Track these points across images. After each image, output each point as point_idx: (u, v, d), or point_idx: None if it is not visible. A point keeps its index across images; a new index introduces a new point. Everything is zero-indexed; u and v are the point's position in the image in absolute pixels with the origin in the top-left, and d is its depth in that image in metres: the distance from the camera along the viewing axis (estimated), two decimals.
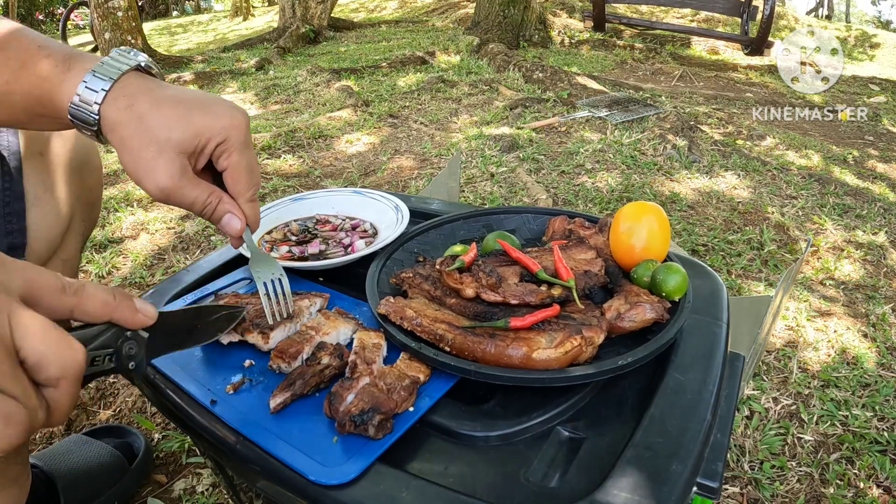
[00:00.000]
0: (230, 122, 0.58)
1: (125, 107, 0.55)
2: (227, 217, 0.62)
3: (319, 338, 0.67)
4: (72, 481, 0.97)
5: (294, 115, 3.54)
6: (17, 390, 0.35)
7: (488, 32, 5.90)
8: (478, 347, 0.62)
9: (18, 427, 0.35)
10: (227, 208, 0.61)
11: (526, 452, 0.57)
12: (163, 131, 0.55)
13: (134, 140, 0.55)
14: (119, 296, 0.46)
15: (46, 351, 0.37)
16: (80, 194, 0.82)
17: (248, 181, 0.62)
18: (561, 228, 0.89)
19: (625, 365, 0.61)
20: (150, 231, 2.05)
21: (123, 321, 0.46)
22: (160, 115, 0.56)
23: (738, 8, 6.11)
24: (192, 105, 0.57)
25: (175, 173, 0.56)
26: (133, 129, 0.55)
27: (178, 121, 0.56)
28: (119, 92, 0.55)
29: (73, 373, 0.39)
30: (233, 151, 0.59)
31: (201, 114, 0.57)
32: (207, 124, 0.57)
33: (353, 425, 0.55)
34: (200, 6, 15.38)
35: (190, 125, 0.56)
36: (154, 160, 0.55)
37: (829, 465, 1.16)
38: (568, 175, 2.52)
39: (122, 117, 0.55)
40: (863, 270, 1.89)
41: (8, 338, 0.36)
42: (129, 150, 0.56)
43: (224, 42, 7.62)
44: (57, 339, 0.38)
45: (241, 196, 0.62)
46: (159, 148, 0.55)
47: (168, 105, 0.56)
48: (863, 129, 3.83)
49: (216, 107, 0.58)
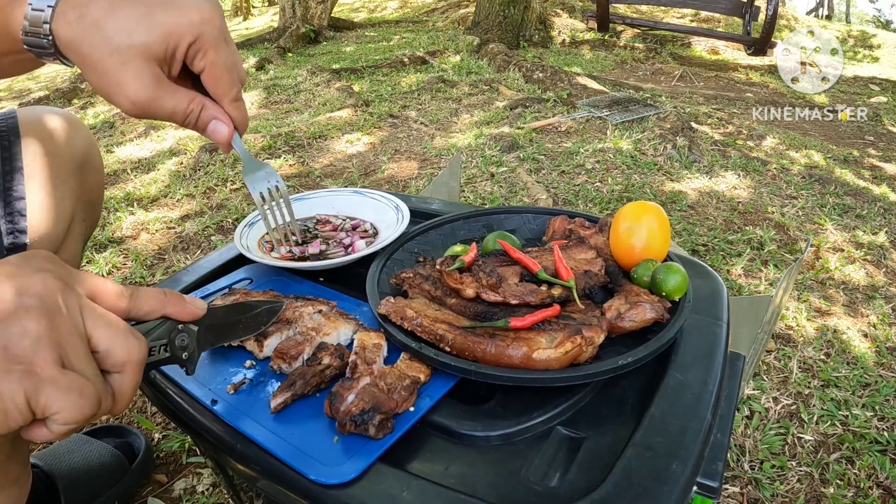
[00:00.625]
0: (200, 16, 0.52)
1: (76, 18, 0.49)
2: (212, 124, 0.57)
3: (320, 338, 0.67)
4: (72, 481, 0.97)
5: (294, 115, 3.54)
6: (89, 371, 0.41)
7: (488, 32, 5.90)
8: (478, 347, 0.62)
9: (91, 399, 0.40)
10: (211, 114, 0.57)
11: (526, 452, 0.57)
12: (123, 37, 0.49)
13: (94, 53, 0.49)
14: (169, 293, 0.52)
15: (113, 340, 0.43)
16: (80, 194, 0.82)
17: (230, 80, 0.56)
18: (561, 228, 0.89)
19: (625, 365, 0.61)
20: (151, 231, 2.05)
21: (176, 314, 0.52)
22: (117, 19, 0.49)
23: (740, 8, 6.11)
24: (153, 3, 0.51)
25: (147, 82, 0.51)
26: (90, 40, 0.49)
27: (139, 23, 0.50)
28: (67, 4, 0.49)
29: (136, 358, 0.44)
30: (208, 49, 0.53)
31: (165, 12, 0.51)
32: (174, 22, 0.51)
33: (353, 425, 0.55)
34: None
35: (154, 26, 0.50)
36: (120, 71, 0.50)
37: (830, 465, 1.16)
38: (568, 175, 2.52)
39: (75, 31, 0.49)
40: (863, 270, 1.89)
41: (81, 325, 0.41)
42: (91, 66, 0.50)
43: None
44: (122, 330, 0.44)
45: (224, 97, 0.57)
46: (122, 57, 0.50)
47: (125, 6, 0.50)
48: (863, 129, 3.83)
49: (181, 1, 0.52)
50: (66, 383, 0.38)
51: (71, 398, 0.38)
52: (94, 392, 0.40)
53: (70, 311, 0.41)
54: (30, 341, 0.38)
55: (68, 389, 0.38)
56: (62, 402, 0.38)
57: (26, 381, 0.37)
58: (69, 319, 0.40)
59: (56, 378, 0.38)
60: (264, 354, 0.68)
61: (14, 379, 0.36)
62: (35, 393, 0.37)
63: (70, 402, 0.38)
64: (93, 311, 0.42)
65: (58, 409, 0.38)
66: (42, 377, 0.37)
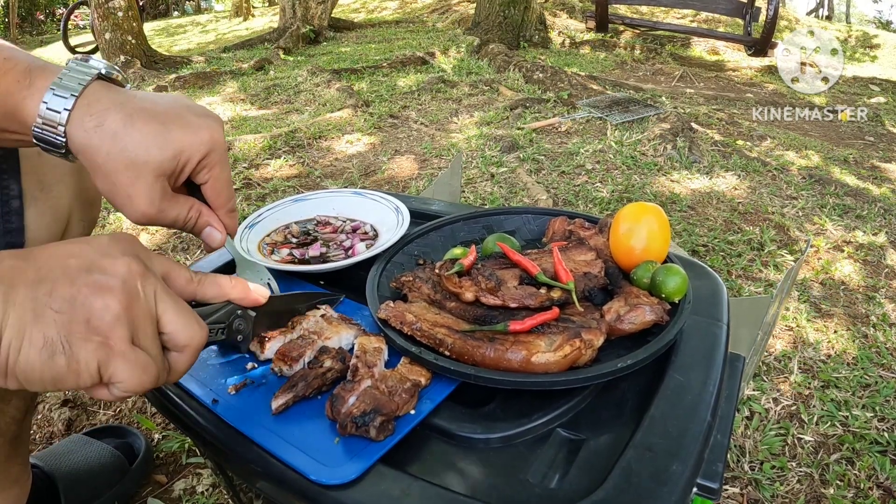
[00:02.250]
0: (209, 135, 0.55)
1: (94, 127, 0.51)
2: (207, 230, 0.61)
3: (321, 342, 0.67)
4: (72, 481, 0.97)
5: (294, 116, 3.54)
6: (154, 350, 0.47)
7: (488, 33, 5.90)
8: (477, 351, 0.62)
9: (151, 376, 0.46)
10: (206, 220, 0.60)
11: (526, 454, 0.57)
12: (140, 153, 0.51)
13: (108, 164, 0.51)
14: (235, 280, 0.56)
15: (180, 323, 0.48)
16: (78, 193, 0.82)
17: (229, 193, 0.61)
18: (561, 229, 0.89)
19: (624, 367, 0.61)
20: (151, 231, 2.05)
21: (239, 299, 0.57)
22: (135, 134, 0.51)
23: (741, 9, 6.11)
24: (168, 119, 0.53)
25: (156, 198, 0.54)
26: (106, 150, 0.51)
27: (154, 139, 0.52)
28: (84, 110, 0.51)
29: (196, 343, 0.50)
30: (215, 165, 0.57)
31: (179, 129, 0.53)
32: (187, 141, 0.54)
33: (354, 426, 0.55)
34: (201, 6, 15.39)
35: (168, 144, 0.53)
36: (132, 185, 0.52)
37: (830, 466, 1.16)
38: (568, 175, 2.52)
39: (92, 139, 0.51)
40: (863, 271, 1.89)
41: (153, 309, 0.47)
42: (103, 175, 0.52)
43: (224, 42, 7.62)
44: (188, 316, 0.49)
45: (222, 208, 0.61)
46: (137, 172, 0.52)
47: (142, 120, 0.52)
48: (863, 130, 3.83)
49: (192, 119, 0.55)
50: (134, 359, 0.44)
51: (135, 372, 0.44)
52: (155, 370, 0.46)
53: (146, 296, 0.46)
54: (110, 317, 0.43)
55: (134, 364, 0.44)
56: (127, 374, 0.44)
57: (101, 351, 0.43)
58: (144, 303, 0.46)
59: (126, 353, 0.44)
60: (265, 356, 0.68)
61: (91, 348, 0.42)
62: (106, 362, 0.43)
63: (134, 375, 0.44)
64: (165, 297, 0.47)
65: (122, 379, 0.44)
66: (115, 350, 0.43)
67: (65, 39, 7.58)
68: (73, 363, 0.42)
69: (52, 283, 0.43)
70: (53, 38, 10.40)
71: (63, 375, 0.42)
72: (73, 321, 0.42)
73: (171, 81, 4.44)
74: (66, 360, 0.42)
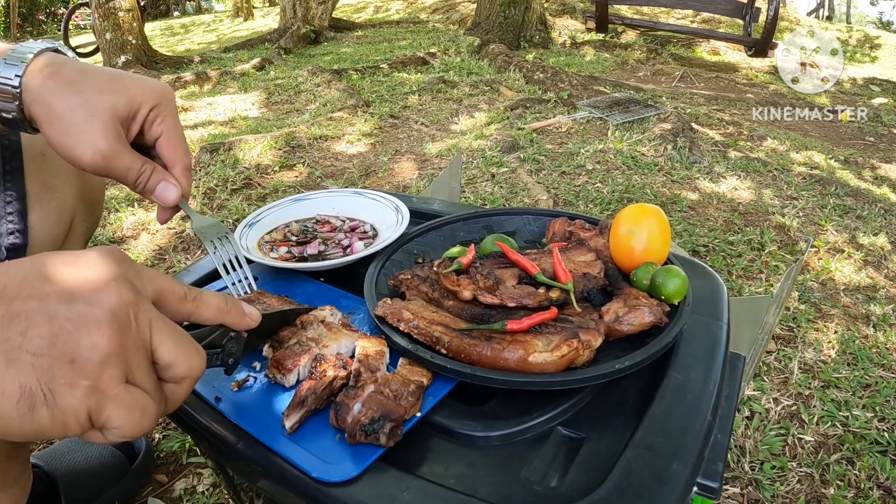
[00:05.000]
0: (161, 88, 0.58)
1: (50, 73, 0.53)
2: (161, 185, 0.60)
3: (318, 350, 0.65)
4: (73, 481, 0.97)
5: (295, 116, 3.55)
6: (150, 386, 0.41)
7: (489, 33, 5.90)
8: (474, 350, 0.62)
9: (150, 418, 0.41)
10: (160, 177, 0.60)
11: (526, 452, 0.57)
12: (94, 93, 0.54)
13: (63, 104, 0.53)
14: (230, 302, 0.51)
15: (178, 354, 0.43)
16: (81, 194, 0.82)
17: (185, 148, 0.61)
18: (561, 230, 0.89)
19: (622, 369, 0.61)
20: (151, 231, 2.05)
21: (233, 325, 0.52)
22: (89, 80, 0.54)
23: (741, 9, 6.11)
24: (119, 74, 0.57)
25: (110, 136, 0.54)
26: (61, 93, 0.53)
27: (108, 85, 0.55)
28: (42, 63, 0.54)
29: (196, 373, 0.45)
30: (167, 115, 0.59)
31: (131, 81, 0.57)
32: (139, 90, 0.56)
33: (364, 435, 0.54)
34: (201, 7, 15.40)
35: (122, 89, 0.55)
36: (87, 122, 0.53)
37: (830, 466, 1.16)
38: (569, 176, 2.52)
39: (48, 84, 0.53)
40: (863, 271, 1.89)
41: (147, 340, 0.41)
42: (58, 117, 0.53)
43: (225, 42, 7.62)
44: (186, 344, 0.44)
45: (178, 162, 0.61)
46: (92, 110, 0.53)
47: (95, 72, 0.55)
48: (863, 130, 3.83)
49: (144, 78, 0.59)
50: (130, 402, 0.39)
51: (133, 416, 0.39)
52: (154, 410, 0.41)
53: (139, 326, 0.41)
54: (99, 357, 0.37)
55: (132, 407, 0.39)
56: (123, 420, 0.39)
57: (91, 397, 0.37)
58: (138, 334, 0.40)
59: (120, 396, 0.38)
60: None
61: (78, 395, 0.37)
62: (98, 409, 0.38)
63: (131, 419, 0.39)
64: (161, 325, 0.42)
65: (118, 426, 0.39)
66: (107, 395, 0.38)
67: (65, 40, 7.58)
68: (57, 414, 0.36)
69: (26, 320, 0.36)
70: (54, 39, 10.38)
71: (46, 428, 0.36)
72: (55, 364, 0.36)
73: (171, 82, 4.44)
74: (50, 412, 0.36)
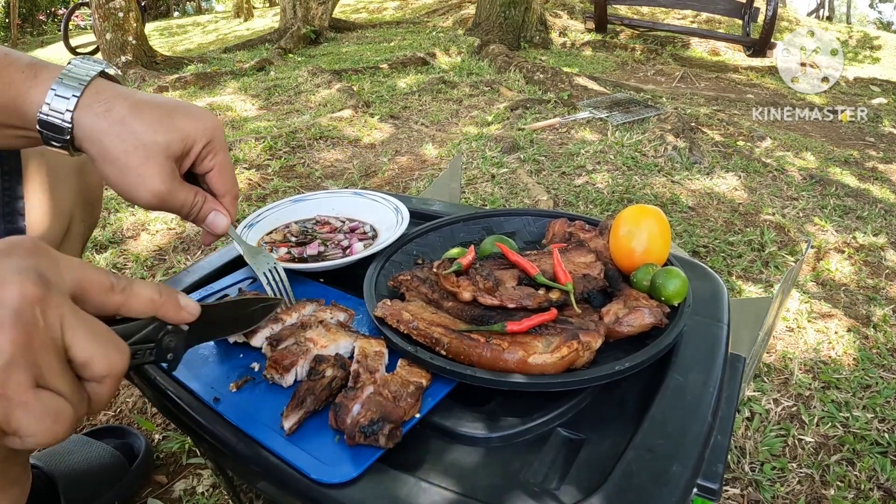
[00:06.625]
0: (212, 123, 0.59)
1: (103, 111, 0.53)
2: (212, 215, 0.62)
3: (317, 350, 0.65)
4: (72, 482, 0.97)
5: (295, 116, 3.54)
6: (65, 388, 0.38)
7: (489, 33, 5.90)
8: (473, 351, 0.62)
9: (66, 423, 0.38)
10: (211, 206, 0.62)
11: (526, 454, 0.57)
12: (149, 135, 0.54)
13: (118, 146, 0.53)
14: (165, 293, 0.48)
15: (95, 352, 0.40)
16: (80, 194, 0.82)
17: (233, 179, 0.63)
18: (561, 231, 0.89)
19: (621, 370, 0.61)
20: (151, 231, 2.05)
21: (168, 318, 0.49)
22: (143, 119, 0.54)
23: (740, 9, 6.12)
24: (171, 109, 0.56)
25: (166, 177, 0.55)
26: (116, 134, 0.53)
27: (161, 123, 0.55)
28: (93, 98, 0.53)
29: (117, 372, 0.41)
30: (219, 151, 0.60)
31: (184, 117, 0.57)
32: (192, 126, 0.57)
33: (363, 436, 0.54)
34: (201, 7, 15.40)
35: (175, 128, 0.55)
36: (144, 165, 0.54)
37: (830, 467, 1.16)
38: (569, 176, 2.52)
39: (101, 123, 0.53)
40: (863, 272, 1.88)
41: (59, 338, 0.38)
42: (114, 158, 0.53)
43: (225, 43, 7.62)
44: (104, 341, 0.41)
45: (227, 193, 0.63)
46: (147, 152, 0.54)
47: (148, 109, 0.55)
48: (863, 131, 3.83)
49: (193, 109, 0.58)
50: (40, 408, 0.37)
51: (44, 423, 0.37)
52: (69, 414, 0.38)
53: (48, 324, 0.38)
54: (2, 362, 0.35)
55: (42, 414, 0.37)
56: (35, 427, 0.37)
57: None
58: (46, 333, 0.37)
59: (28, 402, 0.36)
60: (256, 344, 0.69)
61: None
62: (6, 418, 0.36)
63: (43, 427, 0.37)
64: (74, 321, 0.39)
65: (31, 434, 0.37)
66: (13, 401, 0.36)
67: (65, 40, 7.58)
68: None
69: None
70: (54, 39, 10.40)
71: None
72: None
73: (171, 82, 4.44)
74: None
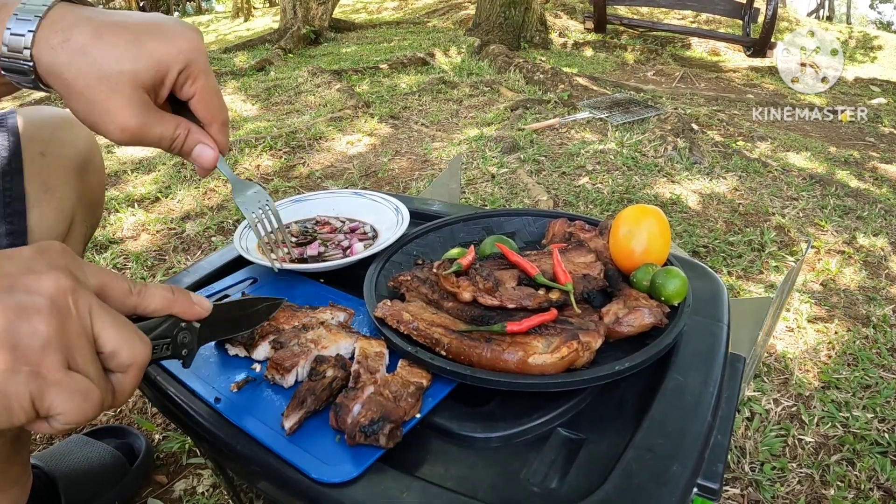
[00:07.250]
0: (188, 44, 0.52)
1: (59, 43, 0.48)
2: (198, 147, 0.57)
3: (317, 351, 0.65)
4: (73, 482, 0.97)
5: (295, 116, 3.54)
6: (94, 373, 0.41)
7: (489, 34, 5.90)
8: (474, 352, 0.62)
9: (94, 403, 0.41)
10: (197, 138, 0.57)
11: (526, 454, 0.57)
12: (111, 63, 0.48)
13: (80, 80, 0.48)
14: (177, 292, 0.51)
15: (121, 342, 0.43)
16: (81, 195, 0.82)
17: (220, 104, 0.57)
18: (561, 231, 0.89)
19: (621, 371, 0.61)
20: (151, 232, 2.05)
21: (182, 314, 0.52)
22: (106, 46, 0.48)
23: (739, 10, 6.12)
24: (140, 31, 0.50)
25: (136, 110, 0.50)
26: (76, 67, 0.48)
27: (126, 49, 0.49)
28: (49, 29, 0.48)
29: (140, 361, 0.44)
30: (198, 75, 0.54)
31: (154, 39, 0.50)
32: (165, 50, 0.51)
33: (363, 436, 0.54)
34: (201, 7, 15.40)
35: (143, 54, 0.49)
36: (109, 99, 0.49)
37: (830, 467, 1.16)
38: (569, 176, 2.52)
39: (59, 56, 0.48)
40: (863, 272, 1.88)
41: (89, 327, 0.42)
42: (78, 93, 0.49)
43: (225, 43, 7.62)
44: (129, 332, 0.44)
45: (214, 121, 0.58)
46: (111, 84, 0.49)
47: (110, 32, 0.49)
48: (864, 131, 3.83)
49: (167, 29, 0.52)
50: (72, 387, 0.39)
51: (75, 401, 0.39)
52: (97, 395, 0.41)
53: (79, 313, 0.41)
54: (39, 343, 0.38)
55: (73, 393, 0.39)
56: (66, 405, 0.39)
57: (32, 382, 0.38)
58: (78, 321, 0.41)
59: (61, 381, 0.39)
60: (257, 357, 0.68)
61: (21, 380, 0.37)
62: (40, 394, 0.38)
63: (74, 405, 0.39)
64: (101, 313, 0.42)
65: (61, 411, 0.39)
66: (48, 380, 0.38)
67: None
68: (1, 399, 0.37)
69: None
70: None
71: None
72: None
73: None
74: None
